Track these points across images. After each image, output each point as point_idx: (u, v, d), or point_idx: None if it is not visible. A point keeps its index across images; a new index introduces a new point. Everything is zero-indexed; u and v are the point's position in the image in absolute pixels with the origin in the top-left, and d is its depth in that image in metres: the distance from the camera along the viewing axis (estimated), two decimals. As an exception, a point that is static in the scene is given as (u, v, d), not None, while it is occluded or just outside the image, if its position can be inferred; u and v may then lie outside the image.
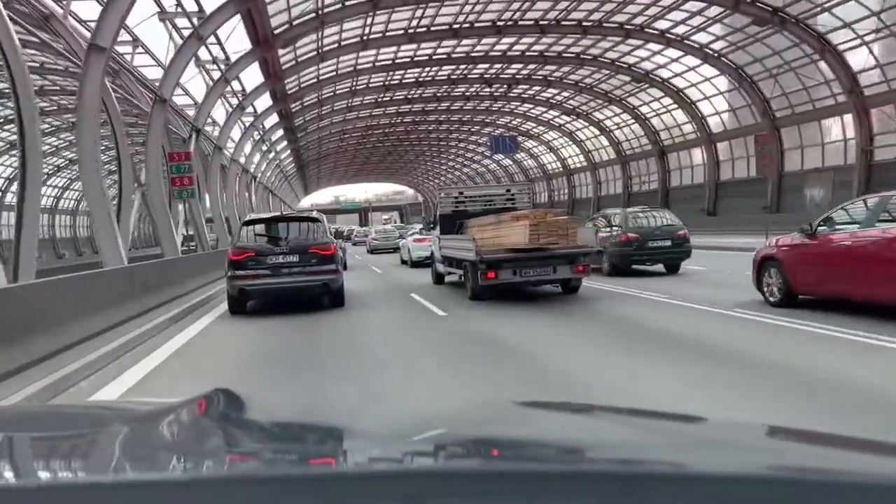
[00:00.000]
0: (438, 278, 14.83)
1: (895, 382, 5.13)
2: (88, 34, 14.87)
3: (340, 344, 8.15)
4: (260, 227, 11.75)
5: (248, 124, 33.68)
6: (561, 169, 56.81)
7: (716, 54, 31.07)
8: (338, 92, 38.13)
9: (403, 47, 31.74)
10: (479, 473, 0.84)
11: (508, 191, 15.03)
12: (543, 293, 12.25)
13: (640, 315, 9.11)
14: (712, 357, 6.33)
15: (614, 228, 14.98)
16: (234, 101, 29.56)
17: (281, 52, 25.64)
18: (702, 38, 30.71)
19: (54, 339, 7.25)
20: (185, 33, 19.09)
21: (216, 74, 24.13)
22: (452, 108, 47.74)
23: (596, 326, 8.58)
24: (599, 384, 5.55)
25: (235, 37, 58.01)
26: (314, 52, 28.01)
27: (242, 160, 36.98)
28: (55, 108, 37.27)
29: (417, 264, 20.70)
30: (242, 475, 0.89)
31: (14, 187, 51.72)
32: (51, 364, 6.65)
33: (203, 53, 24.39)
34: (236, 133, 34.78)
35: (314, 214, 12.27)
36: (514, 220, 11.58)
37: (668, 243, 14.46)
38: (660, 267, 14.80)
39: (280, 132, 41.72)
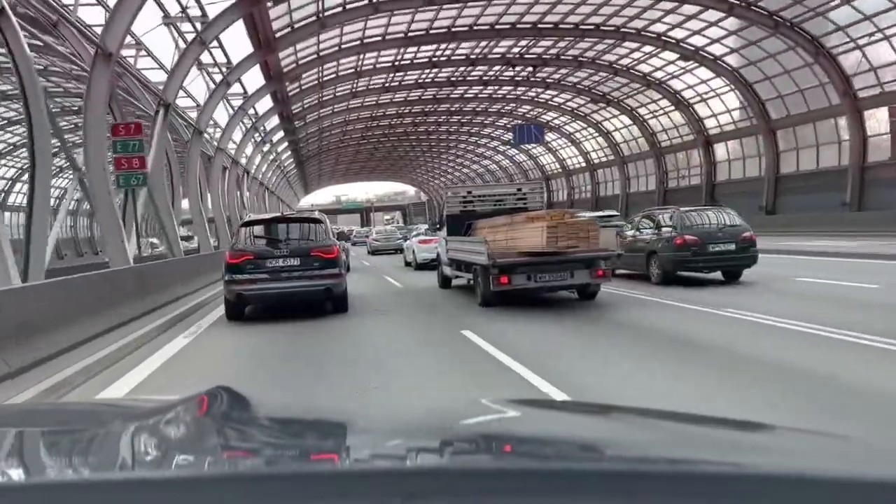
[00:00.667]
0: (445, 282, 14.15)
1: None
2: None
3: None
4: (259, 229, 11.23)
5: (237, 108, 28.93)
6: (584, 164, 51.92)
7: (788, 23, 26.32)
8: (341, 73, 33.36)
9: (419, 16, 27.05)
10: (480, 471, 0.85)
11: (520, 189, 14.16)
12: (559, 299, 11.37)
13: (784, 352, 6.36)
14: None
15: (666, 230, 13.09)
16: (219, 78, 24.76)
17: (273, 13, 20.92)
18: (769, 4, 25.98)
19: None
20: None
21: (193, 39, 19.33)
22: (467, 95, 43.05)
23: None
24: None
25: None
26: (314, 18, 23.29)
27: (232, 150, 32.23)
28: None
29: (423, 266, 20.13)
30: (244, 472, 0.89)
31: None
32: None
33: (172, 6, 19.69)
34: (223, 117, 30.09)
35: (316, 215, 11.64)
36: (530, 221, 10.81)
37: (732, 247, 12.46)
38: (717, 275, 12.93)
39: (276, 121, 36.92)
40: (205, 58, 23.84)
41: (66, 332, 7.57)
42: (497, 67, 36.77)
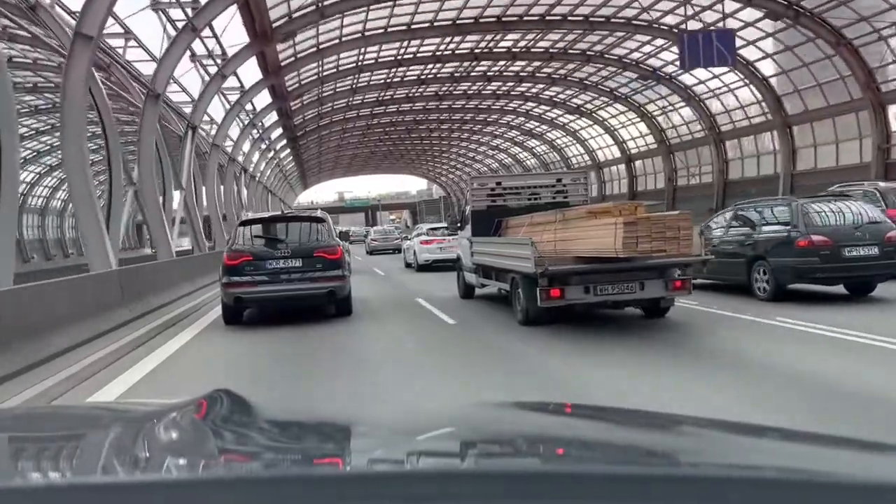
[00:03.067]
0: (467, 291, 12.30)
1: None
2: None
3: None
4: (258, 228, 10.94)
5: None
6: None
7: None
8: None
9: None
10: (480, 474, 0.85)
11: (559, 180, 12.14)
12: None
13: None
14: None
15: (786, 228, 10.07)
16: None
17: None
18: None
19: None
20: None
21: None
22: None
23: None
24: None
25: None
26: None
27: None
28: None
29: (424, 268, 19.64)
30: (243, 476, 0.89)
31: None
32: None
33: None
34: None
35: (318, 214, 11.34)
36: (592, 216, 8.66)
37: (875, 251, 9.45)
38: (838, 287, 10.07)
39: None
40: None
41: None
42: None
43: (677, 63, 33.25)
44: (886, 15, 23.42)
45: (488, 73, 38.01)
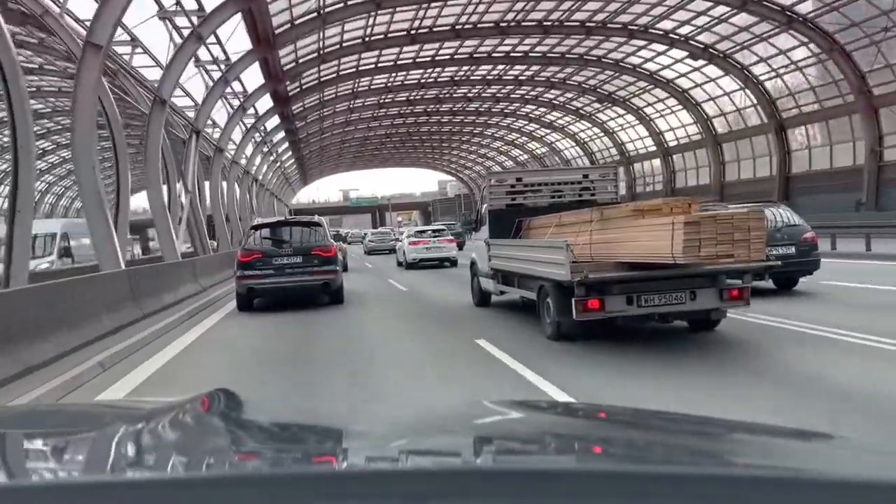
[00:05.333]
0: (483, 299, 11.21)
1: None
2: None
3: None
4: (266, 231, 12.94)
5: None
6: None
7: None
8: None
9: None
10: (479, 472, 0.86)
11: (586, 176, 11.03)
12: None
13: None
14: None
15: None
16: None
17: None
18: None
19: None
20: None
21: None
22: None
23: None
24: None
25: None
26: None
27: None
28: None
29: (413, 266, 21.54)
30: (244, 474, 0.89)
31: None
32: None
33: None
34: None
35: (315, 219, 13.31)
36: (639, 215, 7.35)
37: (792, 250, 10.61)
38: (768, 283, 10.81)
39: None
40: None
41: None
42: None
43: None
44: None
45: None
